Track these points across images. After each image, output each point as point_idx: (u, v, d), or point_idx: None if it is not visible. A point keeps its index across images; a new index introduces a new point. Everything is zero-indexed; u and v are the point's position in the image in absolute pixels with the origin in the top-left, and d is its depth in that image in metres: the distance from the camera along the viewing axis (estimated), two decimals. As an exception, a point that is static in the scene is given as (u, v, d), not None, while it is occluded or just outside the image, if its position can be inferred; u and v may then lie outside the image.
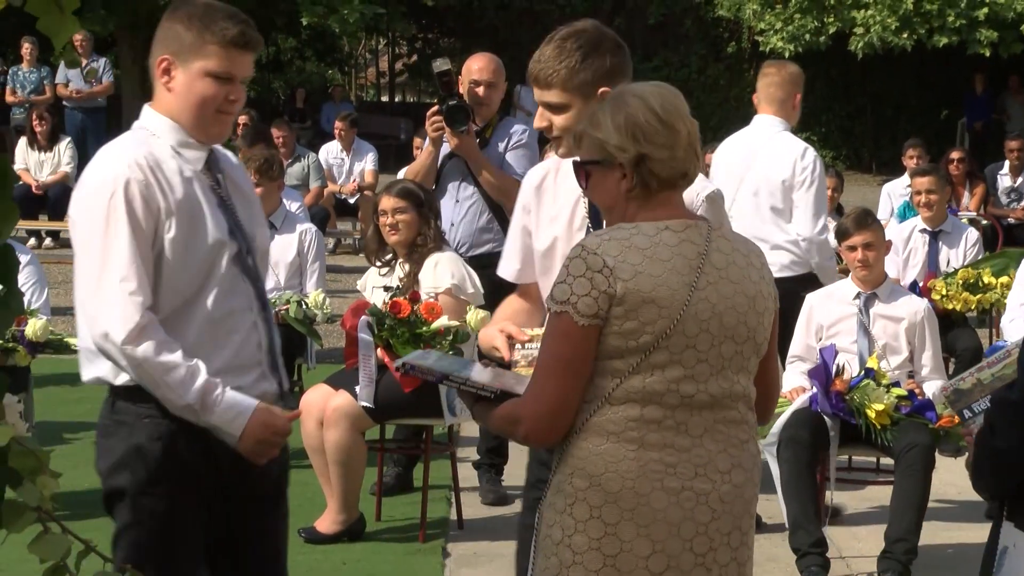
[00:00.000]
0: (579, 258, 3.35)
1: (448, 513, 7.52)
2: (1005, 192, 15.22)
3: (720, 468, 3.40)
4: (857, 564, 6.92)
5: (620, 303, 3.31)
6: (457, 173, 7.74)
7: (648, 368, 3.33)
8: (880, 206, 13.84)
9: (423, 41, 34.99)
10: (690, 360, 3.36)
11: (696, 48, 31.81)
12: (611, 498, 3.34)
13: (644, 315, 3.31)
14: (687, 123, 3.49)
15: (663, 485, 3.35)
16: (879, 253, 7.21)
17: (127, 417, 3.93)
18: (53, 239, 17.40)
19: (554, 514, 3.41)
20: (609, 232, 3.40)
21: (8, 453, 2.43)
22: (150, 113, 4.00)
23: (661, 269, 3.34)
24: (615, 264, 3.32)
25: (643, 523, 3.34)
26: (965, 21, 25.86)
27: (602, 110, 3.50)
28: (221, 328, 3.89)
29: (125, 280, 3.80)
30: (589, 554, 3.36)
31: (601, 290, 3.30)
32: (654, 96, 3.48)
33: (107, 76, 20.30)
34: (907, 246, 10.07)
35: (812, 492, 6.74)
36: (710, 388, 3.38)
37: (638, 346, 3.32)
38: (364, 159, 17.35)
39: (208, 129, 3.96)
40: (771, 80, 7.90)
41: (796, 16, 27.13)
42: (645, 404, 3.34)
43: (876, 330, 7.11)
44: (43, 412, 8.86)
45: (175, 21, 3.96)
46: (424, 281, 7.16)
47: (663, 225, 3.41)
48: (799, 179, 7.65)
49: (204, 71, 3.90)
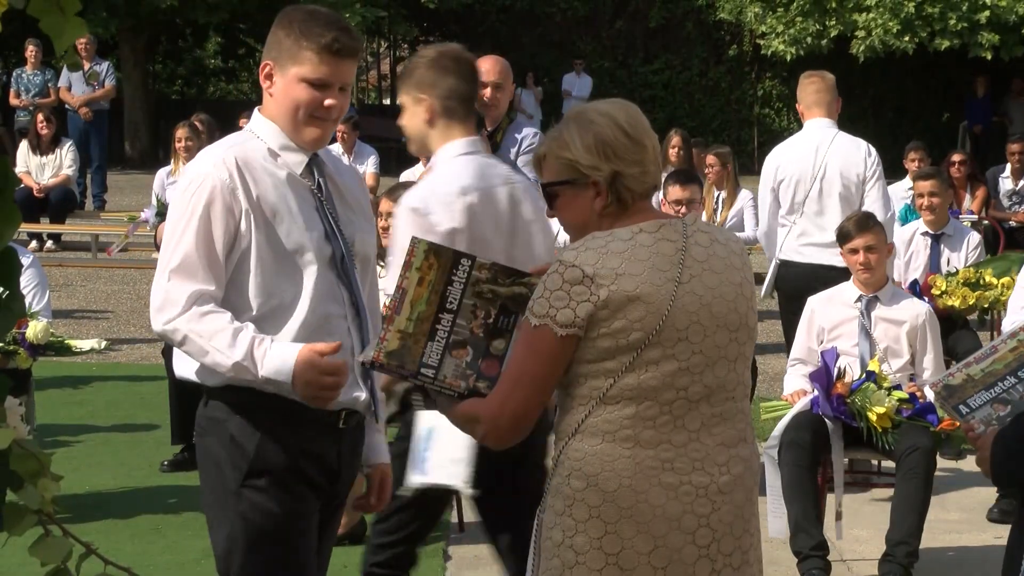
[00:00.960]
0: (555, 273, 3.37)
1: (449, 516, 7.51)
2: (1006, 195, 15.21)
3: (718, 461, 3.42)
4: (858, 567, 6.92)
5: (605, 306, 3.33)
6: None
7: (642, 365, 3.35)
8: (882, 209, 13.81)
9: (424, 44, 34.99)
10: (684, 353, 3.37)
11: (697, 51, 31.83)
12: (609, 497, 3.36)
13: (631, 313, 3.33)
14: (651, 137, 3.52)
15: (660, 481, 3.36)
16: (881, 256, 7.21)
17: (220, 413, 3.96)
18: (54, 242, 17.41)
19: (554, 516, 3.43)
20: (583, 243, 3.41)
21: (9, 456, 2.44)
22: (257, 116, 4.06)
23: (641, 268, 3.36)
24: (594, 272, 3.34)
25: (642, 520, 3.36)
26: (966, 24, 25.89)
27: (567, 130, 3.52)
28: (317, 334, 3.90)
29: (177, 270, 3.85)
30: (591, 554, 3.37)
31: (579, 301, 3.33)
32: (619, 112, 3.51)
33: (110, 79, 20.30)
34: (909, 249, 10.06)
35: (813, 495, 6.74)
36: (705, 379, 3.40)
37: (629, 344, 3.34)
38: (366, 162, 17.35)
39: (302, 134, 3.99)
40: (818, 87, 9.04)
41: (798, 19, 27.15)
42: (640, 401, 3.36)
43: (877, 333, 7.11)
44: (44, 415, 8.86)
45: (279, 27, 4.00)
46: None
47: (636, 228, 3.43)
48: (870, 172, 8.68)
49: (299, 77, 3.94)
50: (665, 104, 31.22)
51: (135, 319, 13.38)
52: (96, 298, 14.52)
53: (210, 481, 4.02)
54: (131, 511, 7.55)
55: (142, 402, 9.97)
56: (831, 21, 26.96)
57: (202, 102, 31.03)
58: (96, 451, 8.77)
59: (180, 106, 30.58)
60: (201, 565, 6.74)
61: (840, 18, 26.82)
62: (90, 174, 19.91)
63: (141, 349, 11.95)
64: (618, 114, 3.49)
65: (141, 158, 28.75)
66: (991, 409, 3.60)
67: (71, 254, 17.18)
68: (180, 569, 6.71)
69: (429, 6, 30.82)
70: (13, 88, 19.63)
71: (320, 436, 3.99)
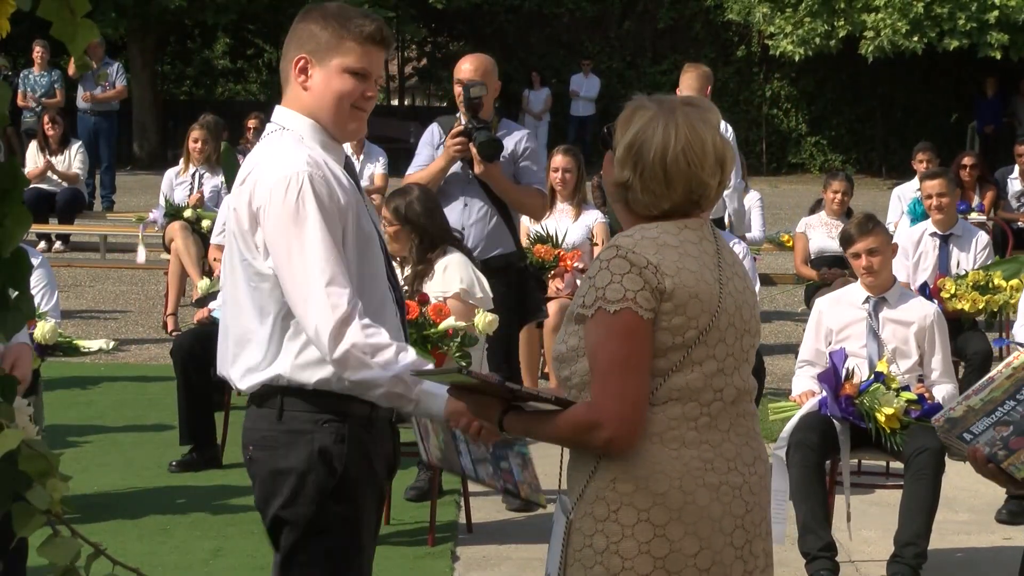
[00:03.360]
0: (619, 258, 3.32)
1: (457, 517, 7.52)
2: (1015, 196, 15.19)
3: (746, 460, 3.43)
4: (867, 568, 6.91)
5: (670, 299, 3.31)
6: (462, 176, 7.75)
7: (690, 364, 3.34)
8: (890, 209, 13.83)
9: (433, 45, 35.01)
10: (722, 353, 3.38)
11: (706, 52, 31.75)
12: (659, 499, 3.33)
13: (690, 310, 3.33)
14: (693, 178, 3.40)
15: (704, 482, 3.35)
16: (884, 258, 7.20)
17: (303, 424, 3.87)
18: (63, 242, 17.42)
19: (593, 523, 3.37)
20: (637, 232, 3.39)
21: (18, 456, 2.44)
22: (288, 113, 4.00)
23: (696, 265, 3.37)
24: (657, 261, 3.32)
25: (690, 521, 3.34)
26: (975, 24, 25.84)
27: (643, 110, 3.45)
28: (379, 315, 3.88)
29: (323, 273, 3.76)
30: (640, 558, 3.33)
31: (653, 286, 3.29)
32: (681, 139, 3.39)
33: (120, 80, 20.34)
34: (917, 249, 10.06)
35: (821, 496, 6.74)
36: (735, 381, 3.41)
37: (684, 342, 3.33)
38: (375, 162, 17.36)
39: (345, 125, 3.97)
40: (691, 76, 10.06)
41: (806, 20, 27.12)
42: (686, 402, 3.35)
43: (886, 334, 7.10)
44: (53, 415, 8.87)
45: (309, 22, 3.96)
46: (433, 285, 7.16)
47: (682, 224, 3.43)
48: None
49: (342, 67, 3.92)
50: (673, 105, 31.15)
51: (143, 319, 13.39)
52: (104, 298, 14.54)
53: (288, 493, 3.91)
54: (139, 511, 7.55)
55: (150, 403, 9.98)
56: (840, 21, 26.91)
57: (210, 103, 31.04)
58: (104, 451, 8.78)
59: (188, 107, 30.59)
60: (209, 565, 6.75)
61: (849, 18, 26.78)
62: (99, 175, 19.93)
63: (150, 349, 11.97)
64: (674, 143, 3.38)
65: (149, 159, 28.78)
66: (994, 432, 3.63)
67: (80, 254, 17.19)
68: (188, 569, 6.72)
69: (437, 7, 30.81)
70: (20, 89, 19.65)
71: (386, 436, 4.02)
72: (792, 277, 13.50)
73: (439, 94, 35.35)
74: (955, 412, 3.68)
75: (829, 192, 12.15)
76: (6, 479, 2.46)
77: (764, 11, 27.85)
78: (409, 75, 37.05)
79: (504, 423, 3.50)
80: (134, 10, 28.45)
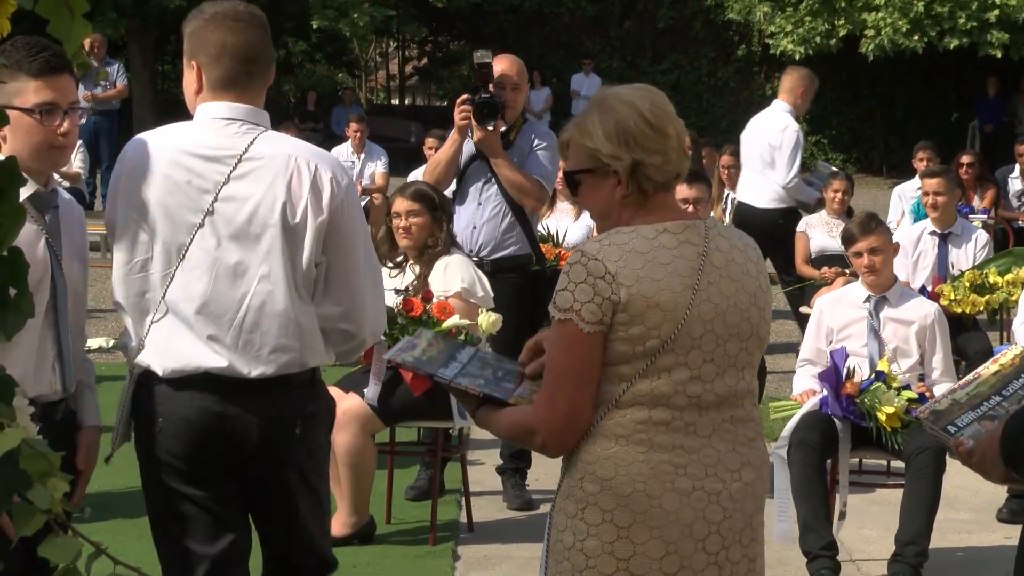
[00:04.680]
0: (579, 264, 3.32)
1: (458, 516, 7.52)
2: (1016, 195, 15.19)
3: (730, 467, 3.40)
4: (868, 567, 6.91)
5: (624, 309, 3.29)
6: (480, 175, 7.69)
7: (655, 372, 3.32)
8: (891, 209, 13.83)
9: (433, 44, 35.02)
10: (696, 361, 3.35)
11: (706, 51, 31.79)
12: (623, 501, 3.33)
13: (649, 320, 3.30)
14: (675, 125, 3.46)
15: (674, 486, 3.34)
16: (886, 257, 7.20)
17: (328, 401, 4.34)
18: (64, 241, 17.41)
19: (565, 519, 3.40)
20: (608, 236, 3.37)
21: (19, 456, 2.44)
22: None
23: (662, 273, 3.33)
24: (616, 270, 3.29)
25: (655, 524, 3.33)
26: (976, 23, 25.83)
27: (589, 118, 3.46)
28: None
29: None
30: (602, 558, 3.34)
31: (604, 296, 3.28)
32: (642, 100, 3.44)
33: (121, 79, 20.33)
34: (916, 248, 10.05)
35: (822, 495, 6.74)
36: (716, 388, 3.38)
37: (645, 351, 3.31)
38: (376, 162, 17.37)
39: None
40: None
41: (806, 19, 27.11)
42: (653, 407, 3.33)
43: (886, 333, 7.10)
44: (54, 415, 8.85)
45: None
46: (434, 284, 7.15)
47: (661, 227, 3.40)
48: None
49: None
50: (674, 104, 31.02)
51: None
52: (104, 297, 14.53)
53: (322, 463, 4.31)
54: (139, 511, 7.45)
55: (151, 402, 9.96)
56: (840, 20, 26.91)
57: (211, 102, 30.98)
58: (104, 450, 8.76)
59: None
60: (210, 565, 6.74)
61: (849, 17, 26.78)
62: (99, 174, 19.94)
63: (150, 349, 11.95)
64: (641, 102, 3.43)
65: (150, 158, 28.74)
66: (979, 426, 3.64)
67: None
68: (189, 569, 6.71)
69: (437, 6, 30.81)
70: (21, 88, 19.63)
71: None
72: (793, 276, 13.42)
73: (439, 93, 35.37)
74: (940, 405, 3.70)
75: (829, 191, 12.14)
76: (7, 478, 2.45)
77: (764, 10, 27.84)
78: (409, 74, 37.06)
79: (476, 415, 3.57)
80: (133, 10, 28.47)
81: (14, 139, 4.03)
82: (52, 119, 4.01)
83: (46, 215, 4.15)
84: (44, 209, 4.15)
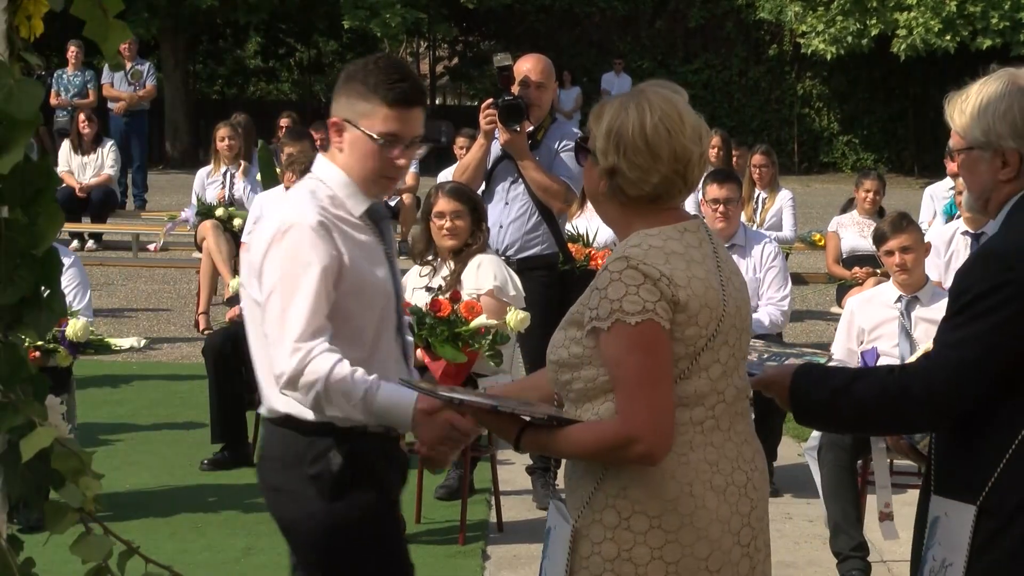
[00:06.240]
0: (631, 268, 3.27)
1: (488, 516, 7.52)
2: (1049, 194, 15.13)
3: (746, 457, 3.42)
4: (899, 568, 6.89)
5: (683, 310, 3.27)
6: (507, 175, 7.71)
7: (698, 371, 3.32)
8: (922, 209, 13.76)
9: (464, 44, 35.05)
10: (725, 355, 3.37)
11: (737, 51, 31.74)
12: (670, 506, 3.32)
13: (701, 319, 3.30)
14: (677, 145, 3.36)
15: (711, 484, 3.34)
16: (918, 256, 7.17)
17: None
18: (95, 241, 17.48)
19: (603, 530, 3.35)
20: (642, 240, 3.34)
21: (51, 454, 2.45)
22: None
23: (702, 271, 3.34)
24: (669, 272, 3.28)
25: (701, 525, 3.33)
26: (1008, 23, 25.73)
27: (611, 103, 3.45)
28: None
29: None
30: (652, 564, 3.32)
31: (668, 298, 3.26)
32: (656, 111, 3.37)
33: (151, 80, 20.41)
34: (949, 248, 10.00)
35: (853, 496, 6.72)
36: (735, 381, 3.40)
37: (694, 350, 3.31)
38: (406, 162, 17.37)
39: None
40: None
41: (838, 18, 27.06)
42: (693, 407, 3.33)
43: (918, 333, 7.07)
44: (85, 413, 8.90)
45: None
46: (467, 282, 7.15)
47: (681, 228, 3.40)
48: None
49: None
50: (705, 104, 31.14)
51: (175, 318, 13.43)
52: (137, 297, 14.59)
53: None
54: (171, 510, 7.58)
55: (182, 401, 10.01)
56: (872, 20, 26.84)
57: (242, 102, 31.15)
58: (136, 450, 8.81)
59: (220, 106, 30.69)
60: (241, 564, 6.76)
61: (881, 17, 26.71)
62: (131, 174, 20.02)
63: (181, 348, 12.00)
64: (654, 113, 3.37)
65: (182, 158, 28.89)
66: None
67: (112, 253, 17.26)
68: (220, 568, 6.73)
69: (468, 6, 30.84)
70: (53, 88, 19.74)
71: None
72: (824, 276, 13.43)
73: (470, 93, 35.39)
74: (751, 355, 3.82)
75: (861, 191, 12.12)
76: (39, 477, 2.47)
77: (796, 10, 27.80)
78: (440, 74, 37.07)
79: (522, 442, 3.48)
80: (166, 10, 28.57)
81: (351, 154, 4.00)
82: (391, 149, 3.98)
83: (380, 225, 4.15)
84: (378, 220, 4.15)
